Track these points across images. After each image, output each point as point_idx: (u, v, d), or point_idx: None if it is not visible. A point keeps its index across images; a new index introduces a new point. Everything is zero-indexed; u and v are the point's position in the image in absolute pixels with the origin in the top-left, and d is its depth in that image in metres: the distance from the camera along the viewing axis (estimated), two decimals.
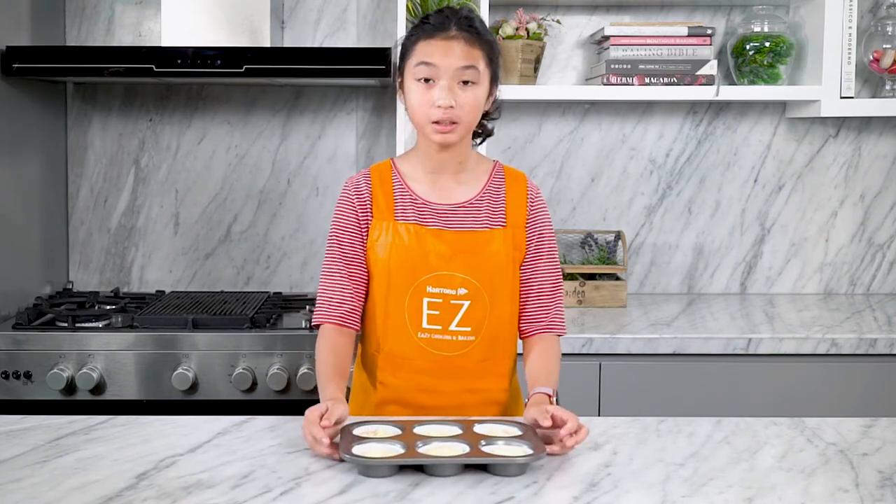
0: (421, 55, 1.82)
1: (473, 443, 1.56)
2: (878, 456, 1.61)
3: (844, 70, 2.86)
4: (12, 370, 2.45)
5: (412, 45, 1.85)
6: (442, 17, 1.84)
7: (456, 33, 1.81)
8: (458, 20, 1.83)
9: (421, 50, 1.83)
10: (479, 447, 1.55)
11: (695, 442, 1.67)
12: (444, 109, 1.80)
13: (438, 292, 1.85)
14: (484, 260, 1.86)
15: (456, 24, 1.82)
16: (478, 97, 1.84)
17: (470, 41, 1.82)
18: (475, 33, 1.83)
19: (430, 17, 1.86)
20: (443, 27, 1.82)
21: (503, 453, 1.53)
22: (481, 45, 1.84)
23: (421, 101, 1.83)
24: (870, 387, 2.54)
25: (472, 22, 1.84)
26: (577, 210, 3.14)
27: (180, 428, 1.72)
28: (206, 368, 2.48)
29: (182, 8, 2.77)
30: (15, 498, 1.41)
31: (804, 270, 3.16)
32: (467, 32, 1.82)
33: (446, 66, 1.80)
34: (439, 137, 1.83)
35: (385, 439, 1.58)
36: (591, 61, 3.08)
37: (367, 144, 3.08)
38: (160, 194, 3.09)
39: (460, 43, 1.81)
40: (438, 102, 1.80)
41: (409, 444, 1.55)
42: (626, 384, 2.52)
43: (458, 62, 1.81)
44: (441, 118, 1.81)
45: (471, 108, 1.83)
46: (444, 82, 1.81)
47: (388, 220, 1.87)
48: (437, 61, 1.81)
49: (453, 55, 1.81)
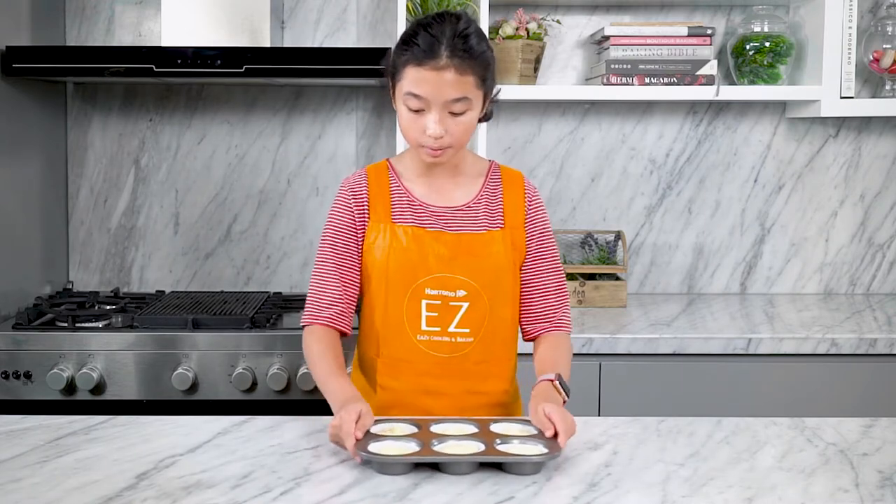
0: (410, 84, 1.76)
1: (489, 441, 1.57)
2: (878, 456, 1.61)
3: (844, 70, 2.86)
4: (12, 370, 2.45)
5: (402, 67, 1.77)
6: (432, 40, 1.73)
7: (446, 62, 1.72)
8: (450, 43, 1.73)
9: (410, 77, 1.75)
10: (495, 446, 1.56)
11: (695, 442, 1.67)
12: (435, 139, 1.78)
13: (437, 294, 1.84)
14: (483, 262, 1.86)
15: (448, 49, 1.73)
16: (470, 122, 1.80)
17: (461, 69, 1.73)
18: (468, 57, 1.74)
19: (419, 38, 1.75)
20: (432, 53, 1.73)
21: (518, 452, 1.54)
22: (474, 68, 1.75)
23: (411, 126, 1.80)
24: (870, 387, 2.54)
25: (466, 41, 1.74)
26: (577, 210, 3.14)
27: (180, 428, 1.72)
28: (206, 368, 2.48)
29: (182, 8, 2.77)
30: (15, 498, 1.41)
31: (804, 270, 3.16)
32: (459, 58, 1.73)
33: (436, 98, 1.75)
34: (430, 160, 1.82)
35: (401, 437, 1.59)
36: (591, 61, 3.08)
37: (367, 144, 3.08)
38: (160, 194, 3.09)
39: (451, 73, 1.73)
40: (429, 132, 1.77)
41: (424, 441, 1.56)
42: (626, 384, 2.52)
43: (448, 94, 1.74)
44: (432, 145, 1.79)
45: (462, 133, 1.80)
46: (434, 114, 1.76)
47: (386, 222, 1.86)
48: (426, 94, 1.75)
49: (444, 87, 1.74)
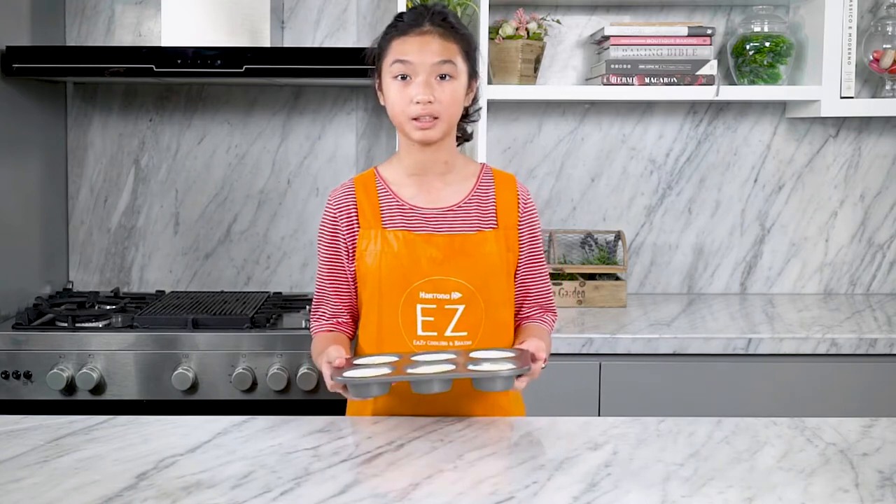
0: (396, 53, 1.82)
1: (461, 363, 1.67)
2: (878, 456, 1.61)
3: (844, 70, 2.86)
4: (12, 370, 2.45)
5: (387, 44, 1.84)
6: (415, 14, 1.84)
7: (430, 28, 1.81)
8: (431, 15, 1.83)
9: (396, 48, 1.82)
10: (466, 366, 1.67)
11: (695, 442, 1.66)
12: (423, 105, 1.79)
13: (432, 298, 1.84)
14: (477, 262, 1.85)
15: (430, 20, 1.82)
16: (456, 91, 1.83)
17: (445, 35, 1.82)
18: (450, 27, 1.83)
19: (403, 15, 1.85)
20: (416, 23, 1.82)
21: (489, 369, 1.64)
22: (457, 39, 1.83)
23: (399, 99, 1.82)
24: (870, 387, 2.54)
25: (445, 16, 1.84)
26: (577, 210, 3.14)
27: (180, 428, 1.72)
28: (206, 368, 2.48)
29: (182, 8, 2.77)
30: (15, 498, 1.41)
31: (804, 270, 3.16)
32: (441, 27, 1.82)
33: (422, 61, 1.80)
34: (420, 134, 1.82)
35: (377, 365, 1.69)
36: (591, 61, 3.08)
37: (367, 144, 3.08)
38: (160, 194, 3.09)
39: (435, 38, 1.81)
40: (416, 98, 1.79)
41: (398, 367, 1.68)
42: (626, 384, 2.52)
43: (434, 57, 1.80)
44: (420, 114, 1.80)
45: (450, 102, 1.82)
46: (420, 78, 1.80)
47: (376, 228, 1.86)
48: (412, 58, 1.80)
49: (429, 50, 1.80)
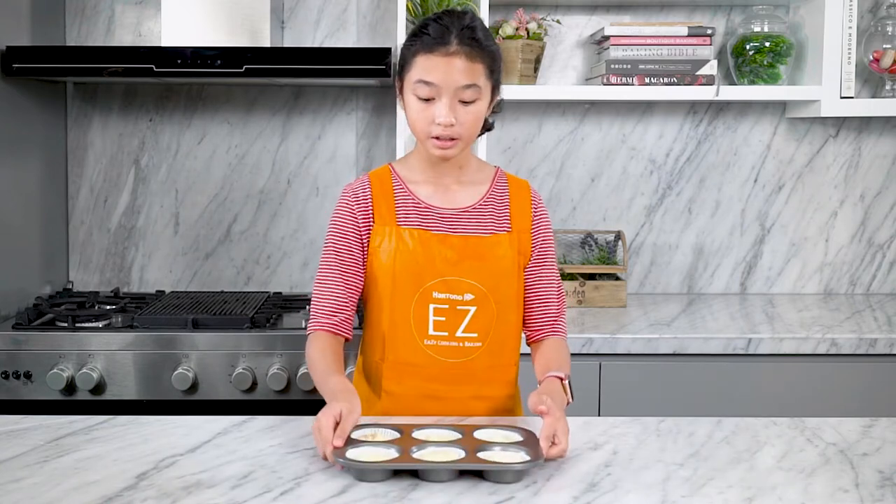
0: (420, 72, 1.78)
1: (470, 448, 1.53)
2: (878, 456, 1.61)
3: (844, 70, 2.86)
4: (12, 370, 2.45)
5: (412, 57, 1.80)
6: (442, 29, 1.77)
7: (457, 48, 1.76)
8: (459, 32, 1.77)
9: (420, 65, 1.78)
10: (476, 453, 1.52)
11: (695, 442, 1.67)
12: (445, 127, 1.78)
13: (445, 298, 1.82)
14: (490, 265, 1.85)
15: (457, 38, 1.76)
16: (479, 112, 1.81)
17: (471, 56, 1.76)
18: (477, 46, 1.77)
19: (429, 27, 1.78)
20: (443, 41, 1.76)
21: (500, 459, 1.50)
22: (483, 57, 1.78)
23: (420, 118, 1.80)
24: (870, 387, 2.54)
25: (474, 32, 1.78)
26: (577, 210, 3.14)
27: (180, 428, 1.72)
28: (206, 368, 2.48)
29: (182, 8, 2.77)
30: (15, 498, 1.41)
31: (804, 270, 3.16)
32: (468, 46, 1.76)
33: (447, 84, 1.76)
34: (439, 153, 1.81)
35: (381, 443, 1.56)
36: (591, 61, 3.08)
37: (367, 144, 3.08)
38: (160, 194, 3.09)
39: (461, 59, 1.76)
40: (439, 120, 1.77)
41: (404, 448, 1.53)
42: (626, 384, 2.52)
43: (458, 81, 1.76)
44: (441, 134, 1.79)
45: (471, 123, 1.80)
46: (444, 100, 1.77)
47: (391, 225, 1.85)
48: (437, 80, 1.76)
49: (454, 73, 1.76)
